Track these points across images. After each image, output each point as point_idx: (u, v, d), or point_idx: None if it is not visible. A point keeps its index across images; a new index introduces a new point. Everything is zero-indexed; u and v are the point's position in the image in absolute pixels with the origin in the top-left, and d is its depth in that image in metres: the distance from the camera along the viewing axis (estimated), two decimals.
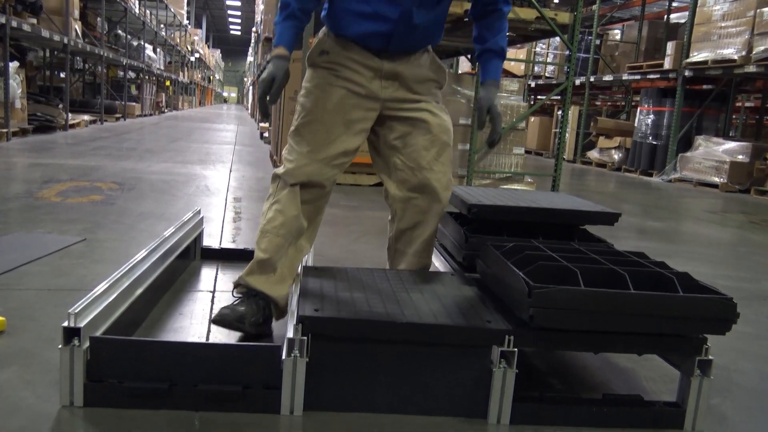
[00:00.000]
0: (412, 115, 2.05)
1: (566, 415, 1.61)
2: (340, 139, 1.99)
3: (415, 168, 2.06)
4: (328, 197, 2.10)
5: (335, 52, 2.01)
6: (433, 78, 2.10)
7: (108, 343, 1.53)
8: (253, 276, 1.94)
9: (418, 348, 1.57)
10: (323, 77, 2.01)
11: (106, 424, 1.45)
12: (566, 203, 2.28)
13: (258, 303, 1.92)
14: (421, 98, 2.07)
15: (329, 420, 1.54)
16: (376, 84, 2.01)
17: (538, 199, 2.35)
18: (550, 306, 1.51)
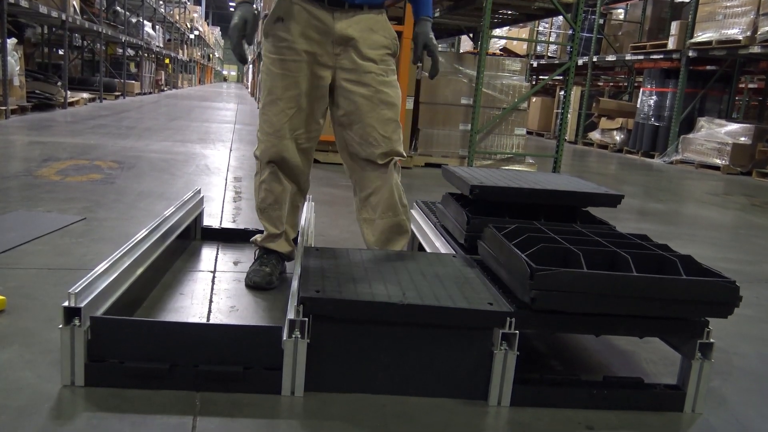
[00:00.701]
0: (357, 89, 2.14)
1: (566, 397, 1.61)
2: (302, 113, 2.15)
3: (363, 143, 2.19)
4: (310, 164, 2.31)
5: (289, 16, 2.07)
6: (385, 44, 2.16)
7: (109, 323, 1.52)
8: (267, 241, 2.30)
9: (420, 329, 1.56)
10: (278, 50, 2.12)
11: (107, 403, 1.45)
12: (569, 185, 2.27)
13: (276, 259, 2.33)
14: (371, 67, 2.13)
15: (330, 401, 1.55)
16: (328, 49, 2.10)
17: (540, 181, 2.33)
18: (552, 288, 1.50)
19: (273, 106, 2.15)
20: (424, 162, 6.54)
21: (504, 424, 1.53)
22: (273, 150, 2.16)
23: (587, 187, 2.24)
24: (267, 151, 2.18)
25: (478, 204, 2.19)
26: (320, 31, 2.08)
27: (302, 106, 2.14)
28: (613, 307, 1.53)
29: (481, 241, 1.93)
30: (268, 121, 2.16)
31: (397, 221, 2.27)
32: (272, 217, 2.26)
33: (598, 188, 2.24)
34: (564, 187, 2.20)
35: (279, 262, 2.34)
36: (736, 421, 1.63)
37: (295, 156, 2.20)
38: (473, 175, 2.34)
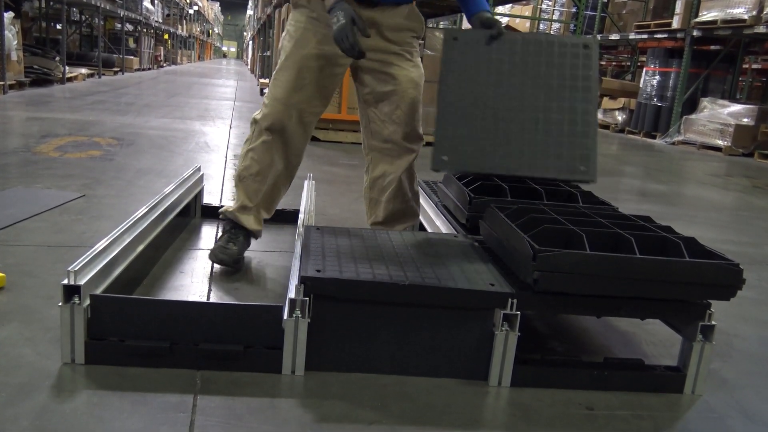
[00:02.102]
0: (383, 69, 2.14)
1: (567, 377, 1.61)
2: (313, 84, 2.10)
3: (386, 121, 2.18)
4: (306, 140, 2.21)
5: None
6: (408, 27, 2.15)
7: (108, 301, 1.51)
8: (238, 213, 2.19)
9: (421, 310, 1.56)
10: (303, 21, 2.10)
11: (107, 381, 1.45)
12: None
13: (244, 236, 2.22)
14: (394, 48, 2.13)
15: (330, 380, 1.55)
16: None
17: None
18: (554, 269, 1.49)
19: (286, 71, 2.10)
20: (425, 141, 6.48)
21: (504, 405, 1.53)
22: (277, 116, 2.10)
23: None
24: (269, 116, 2.11)
25: (480, 184, 2.18)
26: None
27: (313, 77, 2.09)
28: (616, 289, 1.53)
29: (483, 221, 1.92)
30: (280, 86, 2.11)
31: (404, 208, 2.28)
32: (249, 189, 2.17)
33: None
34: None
35: (246, 240, 2.23)
36: (735, 402, 1.63)
37: (297, 128, 2.13)
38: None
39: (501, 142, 1.79)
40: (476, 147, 1.79)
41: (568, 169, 1.67)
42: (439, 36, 6.50)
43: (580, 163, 1.67)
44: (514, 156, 1.76)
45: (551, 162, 1.71)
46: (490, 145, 1.79)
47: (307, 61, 2.08)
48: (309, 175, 2.94)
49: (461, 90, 1.87)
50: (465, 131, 1.80)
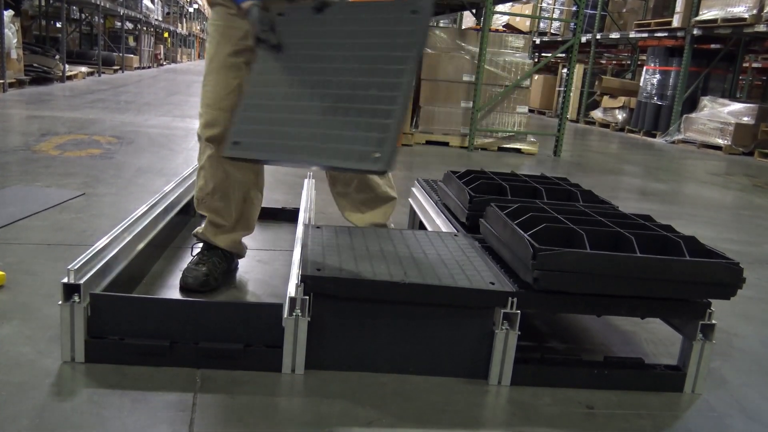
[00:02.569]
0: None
1: (567, 376, 1.61)
2: (239, 85, 1.93)
3: None
4: None
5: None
6: None
7: (108, 299, 1.51)
8: (207, 233, 2.06)
9: (421, 308, 1.56)
10: (221, 20, 1.95)
11: (107, 380, 1.45)
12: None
13: (219, 257, 2.05)
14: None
15: (330, 379, 1.54)
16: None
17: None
18: (554, 268, 1.49)
19: (211, 76, 1.95)
20: (425, 140, 6.50)
21: (504, 404, 1.53)
22: (214, 125, 1.93)
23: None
24: (206, 126, 1.95)
25: (480, 183, 2.18)
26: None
27: (239, 77, 1.92)
28: (616, 288, 1.53)
29: (483, 220, 1.92)
30: (209, 92, 1.95)
31: (374, 196, 2.24)
32: (213, 208, 2.02)
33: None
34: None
35: (222, 260, 2.05)
36: (735, 401, 1.63)
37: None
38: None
39: (296, 126, 1.59)
40: (271, 132, 1.61)
41: (359, 155, 1.42)
42: (441, 35, 6.50)
43: (374, 148, 1.42)
44: (303, 141, 1.56)
45: (343, 147, 1.47)
46: (285, 129, 1.60)
47: (232, 60, 1.93)
48: (309, 174, 2.94)
49: (274, 70, 1.72)
50: (266, 115, 1.64)
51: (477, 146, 6.48)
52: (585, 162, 6.53)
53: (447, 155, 5.96)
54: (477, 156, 6.13)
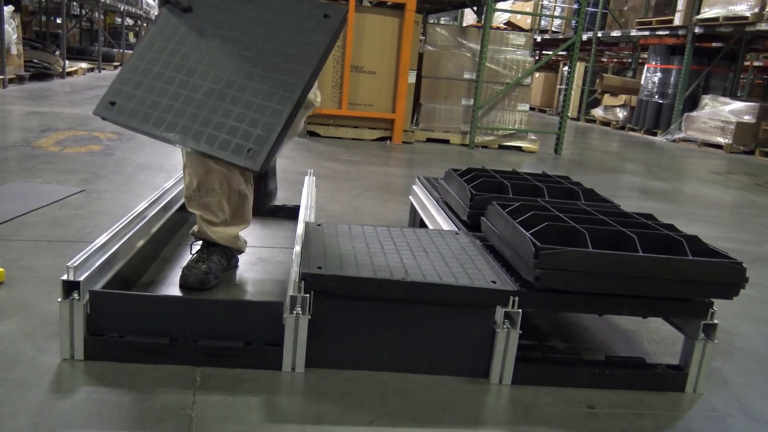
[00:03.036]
0: None
1: (568, 375, 1.60)
2: None
3: None
4: None
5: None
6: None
7: (108, 297, 1.51)
8: (203, 229, 2.02)
9: (422, 307, 1.55)
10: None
11: (106, 378, 1.44)
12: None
13: (219, 254, 2.02)
14: None
15: (331, 377, 1.54)
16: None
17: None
18: (556, 267, 1.48)
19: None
20: (426, 137, 6.48)
21: (505, 403, 1.52)
22: None
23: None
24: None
25: (482, 181, 2.17)
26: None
27: None
28: (618, 287, 1.52)
29: (485, 218, 1.91)
30: None
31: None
32: (204, 204, 1.96)
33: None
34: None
35: (221, 257, 2.02)
36: (737, 401, 1.63)
37: None
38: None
39: (179, 101, 1.55)
40: (152, 101, 1.55)
41: (235, 148, 1.40)
42: (442, 32, 6.49)
43: (252, 145, 1.41)
44: (183, 119, 1.52)
45: (221, 136, 1.44)
46: (167, 102, 1.55)
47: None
48: (309, 171, 2.93)
49: (172, 37, 1.65)
50: (151, 82, 1.57)
51: (478, 144, 6.47)
52: (586, 160, 6.52)
53: (448, 153, 5.95)
54: (478, 154, 6.12)
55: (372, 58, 6.00)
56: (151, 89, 1.57)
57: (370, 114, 6.09)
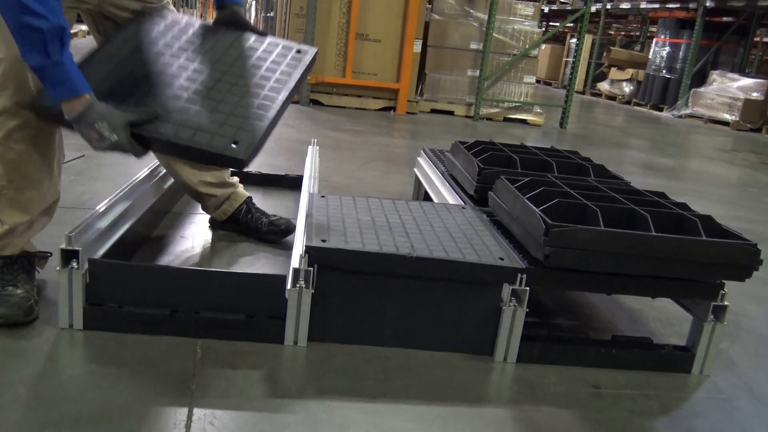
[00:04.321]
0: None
1: (574, 355, 1.58)
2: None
3: None
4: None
5: None
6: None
7: (107, 266, 1.47)
8: (6, 240, 1.53)
9: (427, 283, 1.52)
10: None
11: (106, 348, 1.42)
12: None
13: (26, 268, 1.57)
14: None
15: (334, 351, 1.51)
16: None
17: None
18: (567, 246, 1.44)
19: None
20: (430, 108, 6.40)
21: (510, 381, 1.50)
22: (19, 84, 1.42)
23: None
24: (9, 85, 1.42)
25: (490, 154, 2.12)
26: None
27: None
28: (630, 267, 1.48)
29: (493, 193, 1.87)
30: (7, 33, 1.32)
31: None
32: (16, 201, 1.50)
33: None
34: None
35: (31, 270, 1.58)
36: (743, 383, 1.61)
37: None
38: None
39: (158, 98, 1.52)
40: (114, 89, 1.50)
41: (220, 144, 1.38)
42: (448, 1, 6.35)
43: (240, 140, 1.40)
44: (166, 112, 1.47)
45: (208, 129, 1.42)
46: (134, 99, 1.50)
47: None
48: (313, 141, 2.88)
49: (131, 52, 1.63)
50: (121, 72, 1.55)
51: (482, 116, 6.39)
52: (591, 135, 6.45)
53: (452, 124, 5.87)
54: (482, 126, 6.04)
55: (377, 25, 5.88)
56: (112, 81, 1.53)
57: (374, 83, 6.00)
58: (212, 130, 1.44)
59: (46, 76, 1.30)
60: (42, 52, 1.26)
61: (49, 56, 1.26)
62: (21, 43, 1.27)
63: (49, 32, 1.25)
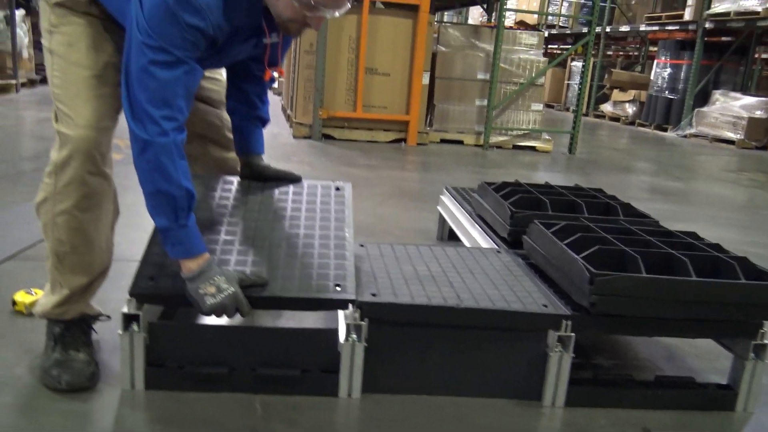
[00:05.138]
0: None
1: (620, 397, 1.62)
2: (114, 98, 1.53)
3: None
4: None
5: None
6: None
7: (166, 328, 1.52)
8: (69, 305, 1.58)
9: (474, 332, 1.56)
10: (83, 23, 1.48)
11: (167, 407, 1.46)
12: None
13: (85, 330, 1.62)
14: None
15: (386, 402, 1.55)
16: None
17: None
18: (612, 293, 1.49)
19: (86, 85, 1.46)
20: (440, 138, 6.48)
21: (561, 426, 1.54)
22: (92, 149, 1.47)
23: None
24: (82, 152, 1.45)
25: (519, 197, 2.18)
26: None
27: (114, 93, 1.49)
28: (672, 311, 1.53)
29: (527, 237, 1.92)
30: (83, 105, 1.44)
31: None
32: (78, 265, 1.54)
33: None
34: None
35: (89, 332, 1.63)
36: None
37: (108, 150, 1.56)
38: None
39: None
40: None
41: (326, 289, 1.51)
42: (454, 33, 6.47)
43: (340, 282, 1.53)
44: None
45: (309, 279, 1.54)
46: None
47: (108, 72, 1.49)
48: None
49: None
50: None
51: (492, 144, 6.47)
52: (601, 160, 6.51)
53: (462, 154, 5.95)
54: (492, 154, 6.12)
55: (386, 59, 5.99)
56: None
57: (384, 116, 6.10)
58: (313, 279, 1.55)
59: (169, 237, 1.42)
60: (171, 217, 1.40)
61: (176, 220, 1.40)
62: (152, 206, 1.41)
63: (181, 199, 1.39)
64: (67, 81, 1.46)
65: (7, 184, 3.37)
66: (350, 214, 1.82)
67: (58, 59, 1.46)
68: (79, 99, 1.45)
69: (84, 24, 1.46)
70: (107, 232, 1.62)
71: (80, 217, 1.50)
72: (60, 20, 1.45)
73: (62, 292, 1.56)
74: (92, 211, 1.52)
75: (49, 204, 1.50)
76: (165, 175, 1.38)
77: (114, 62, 1.49)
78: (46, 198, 1.50)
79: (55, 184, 1.48)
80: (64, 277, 1.56)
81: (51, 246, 1.54)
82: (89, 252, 1.56)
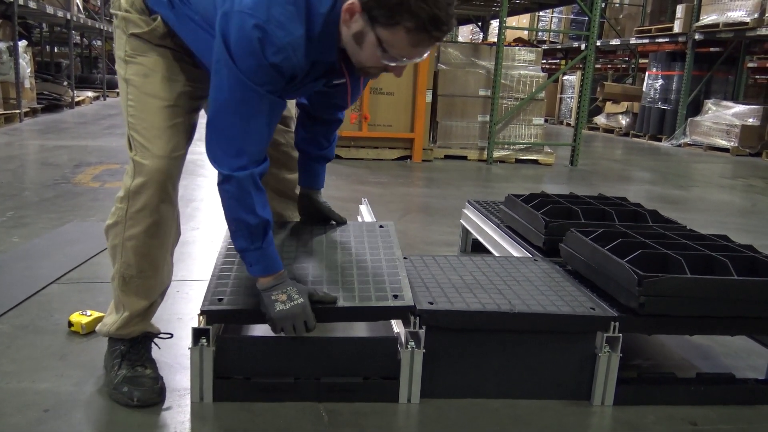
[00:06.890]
0: None
1: (666, 394, 1.68)
2: (187, 127, 1.63)
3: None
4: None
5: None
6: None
7: (234, 341, 1.58)
8: (134, 325, 1.65)
9: (526, 335, 1.63)
10: (157, 52, 1.55)
11: (237, 418, 1.51)
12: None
13: (145, 348, 1.67)
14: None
15: (445, 406, 1.61)
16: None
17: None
18: (659, 294, 1.57)
19: (160, 115, 1.53)
20: (444, 154, 6.58)
21: (612, 423, 1.60)
22: (164, 178, 1.53)
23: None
24: (155, 180, 1.51)
25: (550, 207, 2.26)
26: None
27: (186, 122, 1.59)
28: (716, 310, 1.61)
29: (564, 245, 2.00)
30: (157, 135, 1.52)
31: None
32: (142, 288, 1.60)
33: None
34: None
35: (150, 349, 1.69)
36: None
37: (178, 178, 1.60)
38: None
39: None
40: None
41: (385, 299, 1.62)
42: (454, 51, 6.60)
43: (398, 293, 1.63)
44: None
45: (367, 293, 1.64)
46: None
47: (181, 101, 1.56)
48: (364, 200, 3.01)
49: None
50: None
51: (495, 159, 6.57)
52: (602, 171, 6.63)
53: (467, 169, 6.05)
54: (496, 169, 6.22)
55: (390, 79, 6.09)
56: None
57: (390, 134, 6.20)
58: (372, 292, 1.65)
59: (246, 257, 1.53)
60: (247, 240, 1.50)
61: (252, 243, 1.50)
62: (232, 230, 1.52)
63: (257, 227, 1.49)
64: (142, 111, 1.53)
65: (34, 211, 3.42)
66: (397, 243, 1.93)
67: (133, 89, 1.53)
68: (155, 129, 1.52)
69: (159, 55, 1.53)
70: (170, 255, 1.68)
71: (149, 242, 1.56)
72: (136, 51, 1.52)
73: (124, 314, 1.62)
74: (159, 237, 1.59)
75: (119, 228, 1.56)
76: (243, 205, 1.46)
77: (187, 91, 1.57)
78: (117, 222, 1.56)
79: (127, 209, 1.54)
80: (127, 299, 1.61)
81: (118, 267, 1.60)
82: (154, 276, 1.62)
